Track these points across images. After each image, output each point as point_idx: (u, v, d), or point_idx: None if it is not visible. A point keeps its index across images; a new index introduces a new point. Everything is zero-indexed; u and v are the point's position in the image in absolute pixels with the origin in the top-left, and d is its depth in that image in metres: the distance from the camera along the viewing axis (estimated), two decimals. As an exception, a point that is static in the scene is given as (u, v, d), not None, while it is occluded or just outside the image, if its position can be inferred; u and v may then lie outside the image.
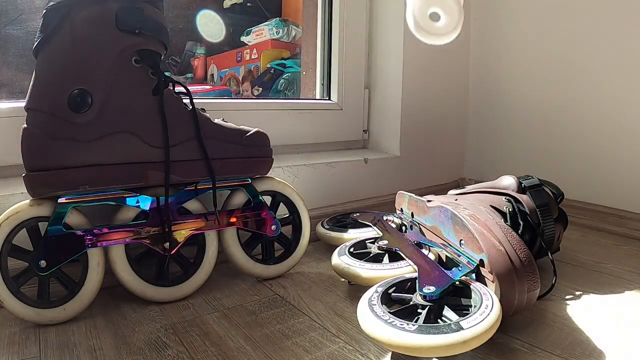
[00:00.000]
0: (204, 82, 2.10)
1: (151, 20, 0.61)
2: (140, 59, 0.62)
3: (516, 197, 0.69)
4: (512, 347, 0.53)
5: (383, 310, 0.50)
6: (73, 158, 0.58)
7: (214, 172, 0.65)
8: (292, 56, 1.89)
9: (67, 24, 0.58)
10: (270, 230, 0.71)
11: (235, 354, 0.52)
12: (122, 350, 0.52)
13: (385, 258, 0.69)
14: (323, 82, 1.15)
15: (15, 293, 0.56)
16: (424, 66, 1.14)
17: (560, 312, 0.62)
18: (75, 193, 0.59)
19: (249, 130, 0.70)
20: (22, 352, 0.52)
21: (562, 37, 1.06)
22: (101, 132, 0.59)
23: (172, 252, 0.63)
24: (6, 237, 0.56)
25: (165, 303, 0.64)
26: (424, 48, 1.14)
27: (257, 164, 0.71)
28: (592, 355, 0.51)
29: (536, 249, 0.69)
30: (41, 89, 0.58)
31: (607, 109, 0.99)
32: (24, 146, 0.57)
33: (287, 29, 1.89)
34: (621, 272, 0.76)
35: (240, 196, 0.70)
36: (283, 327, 0.58)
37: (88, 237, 0.59)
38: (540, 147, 1.12)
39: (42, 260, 0.56)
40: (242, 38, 2.00)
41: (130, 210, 0.62)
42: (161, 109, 0.62)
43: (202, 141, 0.65)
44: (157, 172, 0.62)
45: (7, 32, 1.07)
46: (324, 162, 0.96)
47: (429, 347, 0.44)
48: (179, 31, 1.92)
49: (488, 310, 0.48)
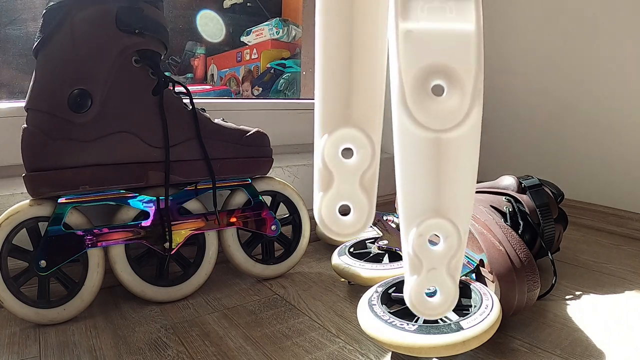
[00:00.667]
0: (204, 82, 2.10)
1: (151, 20, 0.61)
2: (140, 59, 0.62)
3: (516, 197, 0.69)
4: (512, 347, 0.53)
5: (383, 310, 0.50)
6: (73, 158, 0.58)
7: (214, 172, 0.65)
8: (292, 56, 1.89)
9: (67, 24, 0.58)
10: (270, 230, 0.71)
11: (235, 354, 0.52)
12: (122, 350, 0.52)
13: (385, 258, 0.69)
14: (323, 82, 1.15)
15: (15, 293, 0.56)
16: (424, 66, 1.14)
17: (560, 312, 0.62)
18: (75, 193, 0.59)
19: (249, 130, 0.70)
20: (22, 352, 0.52)
21: (563, 37, 1.06)
22: (101, 132, 0.59)
23: (172, 252, 0.63)
24: (6, 237, 0.56)
25: (165, 303, 0.64)
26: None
27: (257, 164, 0.70)
28: (592, 355, 0.51)
29: (536, 249, 0.69)
30: (41, 89, 0.58)
31: (607, 109, 0.99)
32: (24, 146, 0.57)
33: (287, 29, 1.89)
34: (621, 272, 0.76)
35: (240, 196, 0.70)
36: (283, 327, 0.58)
37: (88, 237, 0.59)
38: (540, 147, 1.12)
39: (42, 260, 0.56)
40: (242, 38, 2.00)
41: (130, 210, 0.62)
42: (161, 109, 0.62)
43: (202, 141, 0.65)
44: (157, 172, 0.62)
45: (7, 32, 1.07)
46: (324, 162, 0.96)
47: (429, 347, 0.44)
48: (179, 31, 1.92)
49: (488, 310, 0.48)
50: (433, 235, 0.21)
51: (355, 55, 0.20)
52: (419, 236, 0.21)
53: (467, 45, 0.20)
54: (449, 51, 0.20)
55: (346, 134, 0.20)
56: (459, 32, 0.19)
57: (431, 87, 0.20)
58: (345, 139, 0.20)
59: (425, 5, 0.19)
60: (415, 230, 0.21)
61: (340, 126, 0.20)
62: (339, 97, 0.20)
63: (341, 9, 0.19)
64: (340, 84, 0.20)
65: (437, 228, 0.21)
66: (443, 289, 0.21)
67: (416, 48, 0.20)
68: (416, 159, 0.21)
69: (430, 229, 0.21)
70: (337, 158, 0.20)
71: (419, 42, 0.20)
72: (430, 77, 0.20)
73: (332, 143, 0.20)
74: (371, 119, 0.21)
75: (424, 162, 0.21)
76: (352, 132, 0.20)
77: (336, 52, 0.20)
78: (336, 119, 0.20)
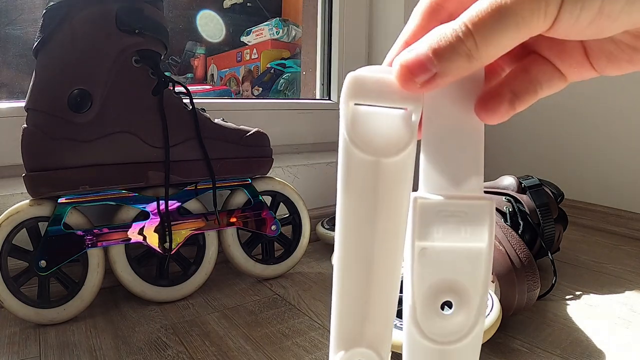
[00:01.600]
0: (204, 82, 2.10)
1: (151, 20, 0.61)
2: (140, 59, 0.62)
3: (516, 197, 0.69)
4: (512, 347, 0.53)
5: (383, 310, 0.50)
6: (73, 158, 0.58)
7: (214, 172, 0.65)
8: (292, 56, 1.89)
9: (67, 24, 0.58)
10: (270, 230, 0.71)
11: (235, 354, 0.52)
12: (122, 350, 0.52)
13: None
14: (323, 82, 1.15)
15: (15, 293, 0.56)
16: (424, 66, 1.14)
17: (560, 312, 0.62)
18: (75, 193, 0.59)
19: (249, 130, 0.70)
20: (22, 352, 0.52)
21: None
22: (101, 132, 0.59)
23: (172, 252, 0.63)
24: (6, 237, 0.56)
25: (165, 303, 0.64)
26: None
27: (257, 164, 0.70)
28: (592, 355, 0.51)
29: (536, 249, 0.69)
30: (41, 89, 0.58)
31: (607, 109, 0.99)
32: (24, 146, 0.57)
33: (287, 29, 1.89)
34: (621, 272, 0.76)
35: (240, 196, 0.70)
36: (283, 327, 0.58)
37: (88, 237, 0.59)
38: (540, 147, 1.12)
39: (42, 260, 0.56)
40: (242, 38, 2.00)
41: (130, 210, 0.62)
42: (161, 109, 0.62)
43: (202, 141, 0.65)
44: (157, 172, 0.62)
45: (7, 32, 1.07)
46: (324, 162, 0.96)
47: (429, 347, 0.44)
48: (179, 31, 1.92)
49: (488, 310, 0.48)
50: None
51: (373, 274, 0.21)
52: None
53: (478, 262, 0.21)
54: (460, 268, 0.21)
55: (360, 352, 0.22)
56: (471, 249, 0.21)
57: (440, 304, 0.21)
58: (358, 356, 0.22)
59: (441, 226, 0.20)
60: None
61: (355, 346, 0.22)
62: (356, 316, 0.22)
63: (362, 238, 0.21)
64: (358, 303, 0.22)
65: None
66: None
67: (429, 264, 0.21)
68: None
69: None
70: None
71: (432, 259, 0.21)
72: (441, 295, 0.21)
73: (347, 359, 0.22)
74: (384, 339, 0.23)
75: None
76: (366, 352, 0.22)
77: (356, 271, 0.21)
78: (352, 337, 0.22)
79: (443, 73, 0.19)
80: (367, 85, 0.20)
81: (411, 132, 0.21)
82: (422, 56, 0.19)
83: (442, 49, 0.18)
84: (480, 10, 0.18)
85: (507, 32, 0.17)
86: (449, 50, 0.18)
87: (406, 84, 0.19)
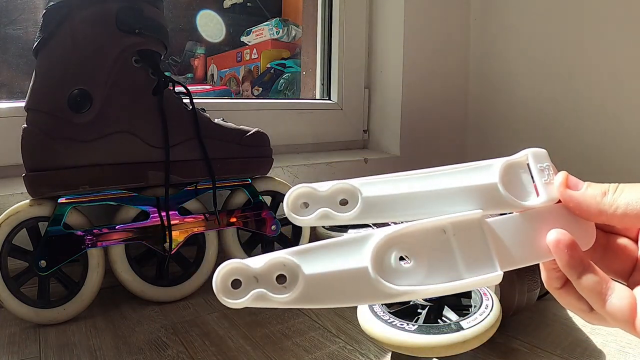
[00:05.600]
0: (204, 82, 2.11)
1: (151, 20, 0.61)
2: (140, 59, 0.62)
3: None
4: (512, 347, 0.53)
5: (383, 310, 0.50)
6: (73, 158, 0.58)
7: (214, 172, 0.65)
8: (292, 56, 1.89)
9: (67, 24, 0.58)
10: (270, 230, 0.71)
11: (235, 354, 0.52)
12: (122, 350, 0.52)
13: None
14: (323, 82, 1.15)
15: (15, 293, 0.56)
16: (424, 66, 1.14)
17: (560, 312, 0.62)
18: (75, 193, 0.59)
19: (249, 130, 0.70)
20: (22, 352, 0.52)
21: (562, 36, 1.06)
22: (101, 132, 0.59)
23: (172, 252, 0.63)
24: (6, 237, 0.56)
25: (165, 303, 0.64)
26: (424, 48, 1.14)
27: (257, 164, 0.70)
28: (592, 356, 0.51)
29: (536, 249, 0.69)
30: (41, 89, 0.58)
31: (607, 108, 0.99)
32: (24, 146, 0.57)
33: (287, 29, 1.90)
34: (621, 272, 0.76)
35: (240, 196, 0.70)
36: (283, 327, 0.58)
37: (88, 237, 0.59)
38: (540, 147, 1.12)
39: (42, 260, 0.56)
40: (242, 38, 2.00)
41: (130, 210, 0.62)
42: (161, 109, 0.62)
43: (202, 141, 0.65)
44: (157, 172, 0.62)
45: (7, 32, 1.07)
46: (324, 162, 0.96)
47: (428, 347, 0.44)
48: (179, 31, 1.92)
49: (488, 310, 0.48)
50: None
51: None
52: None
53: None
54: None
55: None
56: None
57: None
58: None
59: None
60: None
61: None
62: None
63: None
64: None
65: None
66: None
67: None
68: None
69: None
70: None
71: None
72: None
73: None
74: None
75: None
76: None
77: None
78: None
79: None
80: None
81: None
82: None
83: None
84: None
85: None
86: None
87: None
